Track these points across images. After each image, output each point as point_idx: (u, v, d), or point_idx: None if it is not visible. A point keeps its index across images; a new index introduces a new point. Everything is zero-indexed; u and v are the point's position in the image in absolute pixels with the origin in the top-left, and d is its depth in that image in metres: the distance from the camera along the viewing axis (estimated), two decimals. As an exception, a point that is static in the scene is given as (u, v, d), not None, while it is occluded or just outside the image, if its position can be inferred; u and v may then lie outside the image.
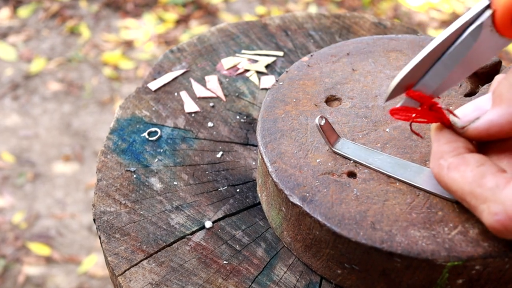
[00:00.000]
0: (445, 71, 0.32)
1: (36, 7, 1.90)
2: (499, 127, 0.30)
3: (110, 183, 0.45)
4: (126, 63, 1.68)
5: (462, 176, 0.30)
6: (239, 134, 0.50)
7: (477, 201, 0.29)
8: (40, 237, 1.24)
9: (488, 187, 0.29)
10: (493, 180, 0.29)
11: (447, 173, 0.31)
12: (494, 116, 0.30)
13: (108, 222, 0.42)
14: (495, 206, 0.28)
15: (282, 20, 0.61)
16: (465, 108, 0.32)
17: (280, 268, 0.40)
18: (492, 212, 0.29)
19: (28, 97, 1.58)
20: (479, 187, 0.29)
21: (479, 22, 0.30)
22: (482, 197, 0.29)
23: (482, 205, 0.29)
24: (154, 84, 0.54)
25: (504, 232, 0.29)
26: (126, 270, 0.39)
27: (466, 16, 0.30)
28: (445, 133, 0.33)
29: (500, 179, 0.29)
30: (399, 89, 0.32)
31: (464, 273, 0.33)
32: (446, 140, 0.32)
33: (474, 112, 0.31)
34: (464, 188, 0.30)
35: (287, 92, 0.44)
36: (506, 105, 0.30)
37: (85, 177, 1.37)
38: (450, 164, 0.31)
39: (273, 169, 0.38)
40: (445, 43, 0.31)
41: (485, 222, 0.30)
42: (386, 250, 0.33)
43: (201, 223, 0.42)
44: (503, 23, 0.29)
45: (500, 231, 0.29)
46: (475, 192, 0.29)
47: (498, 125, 0.30)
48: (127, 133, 0.50)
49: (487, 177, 0.29)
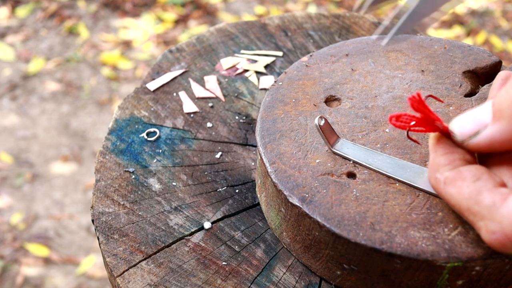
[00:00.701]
0: None
1: (34, 7, 1.90)
2: (500, 143, 0.30)
3: (109, 184, 0.45)
4: (124, 63, 1.68)
5: (458, 192, 0.30)
6: (238, 134, 0.49)
7: (475, 218, 0.29)
8: (39, 238, 1.23)
9: (484, 205, 0.29)
10: (489, 198, 0.28)
11: (443, 188, 0.31)
12: (495, 133, 0.30)
13: (107, 223, 0.42)
14: (492, 225, 0.28)
15: (281, 20, 0.61)
16: (464, 120, 0.31)
17: (279, 269, 0.39)
18: (489, 230, 0.29)
19: (26, 97, 1.58)
20: (476, 205, 0.29)
21: None
22: (479, 214, 0.29)
23: (479, 222, 0.29)
24: (153, 84, 0.54)
25: (502, 249, 0.29)
26: (125, 271, 0.39)
27: None
28: (443, 143, 0.32)
29: (496, 196, 0.28)
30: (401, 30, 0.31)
31: (464, 274, 0.33)
32: (442, 152, 0.32)
33: (473, 126, 0.31)
34: (461, 205, 0.30)
35: (286, 92, 0.44)
36: (506, 121, 0.29)
37: (84, 177, 1.36)
38: (446, 179, 0.31)
39: (272, 170, 0.38)
40: None
41: (484, 239, 0.29)
42: (385, 251, 0.33)
43: (200, 224, 0.42)
44: None
45: (498, 249, 0.29)
46: (472, 209, 0.29)
47: (499, 141, 0.30)
48: (125, 133, 0.49)
49: (484, 194, 0.29)
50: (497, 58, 0.45)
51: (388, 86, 0.44)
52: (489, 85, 0.43)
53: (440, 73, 0.44)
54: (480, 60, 0.45)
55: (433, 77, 0.44)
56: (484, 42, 1.74)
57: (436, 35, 1.75)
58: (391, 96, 0.43)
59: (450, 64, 0.45)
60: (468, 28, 1.80)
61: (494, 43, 1.73)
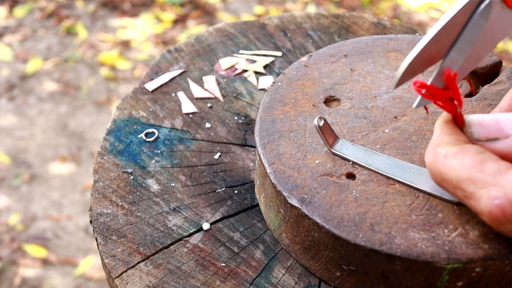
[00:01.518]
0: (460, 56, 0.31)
1: (32, 6, 1.89)
2: None
3: (107, 185, 0.45)
4: (123, 63, 1.68)
5: (460, 162, 0.29)
6: (237, 135, 0.49)
7: (476, 187, 0.28)
8: (36, 239, 1.23)
9: (489, 171, 0.28)
10: (494, 166, 0.28)
11: (443, 160, 0.30)
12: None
13: (105, 224, 0.42)
14: (495, 190, 0.27)
15: (280, 20, 0.61)
16: (485, 120, 0.31)
17: (278, 270, 0.39)
18: (492, 196, 0.28)
19: (24, 98, 1.57)
20: (479, 172, 0.28)
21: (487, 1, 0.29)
22: (482, 182, 0.28)
23: (481, 190, 0.28)
24: (151, 85, 0.54)
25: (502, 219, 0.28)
26: (123, 273, 0.39)
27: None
28: (450, 125, 0.32)
29: (501, 165, 0.28)
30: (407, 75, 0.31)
31: (464, 276, 0.33)
32: (448, 132, 0.31)
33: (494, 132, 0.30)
34: (461, 175, 0.29)
35: (285, 93, 0.44)
36: None
37: (82, 178, 1.36)
38: (447, 152, 0.30)
39: (271, 171, 0.38)
40: (455, 24, 0.30)
41: (483, 208, 0.28)
42: (385, 252, 0.33)
43: (198, 225, 0.42)
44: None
45: (498, 217, 0.28)
46: (474, 177, 0.28)
47: None
48: (124, 134, 0.49)
49: (488, 162, 0.28)
50: (497, 58, 0.44)
51: (388, 86, 0.43)
52: (489, 86, 0.43)
53: (439, 73, 0.44)
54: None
55: (433, 78, 0.44)
56: (483, 42, 1.74)
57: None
58: (390, 97, 0.43)
59: (450, 64, 0.45)
60: (467, 28, 1.80)
61: (493, 43, 1.73)
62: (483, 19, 0.30)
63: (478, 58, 0.32)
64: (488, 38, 0.31)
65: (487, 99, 0.42)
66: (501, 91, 0.42)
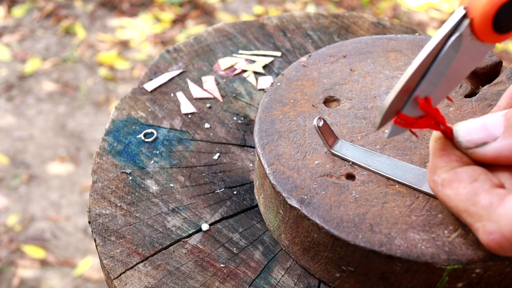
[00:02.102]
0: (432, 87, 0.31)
1: (30, 6, 1.89)
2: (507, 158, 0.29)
3: (106, 185, 0.45)
4: (122, 63, 1.67)
5: (455, 193, 0.30)
6: (236, 135, 0.49)
7: (472, 219, 0.29)
8: (35, 239, 1.22)
9: (482, 205, 0.28)
10: (486, 198, 0.28)
11: (441, 190, 0.31)
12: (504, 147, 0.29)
13: (104, 224, 0.42)
14: (489, 225, 0.28)
15: (280, 20, 0.61)
16: (471, 128, 0.31)
17: (277, 271, 0.39)
18: (487, 231, 0.28)
19: (22, 98, 1.57)
20: (473, 206, 0.29)
21: (457, 33, 0.29)
22: (477, 215, 0.29)
23: (477, 223, 0.29)
24: (150, 85, 0.54)
25: (500, 250, 0.29)
26: (122, 274, 0.39)
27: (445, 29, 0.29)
28: (441, 144, 0.32)
29: (493, 197, 0.28)
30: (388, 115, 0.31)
31: (464, 277, 0.33)
32: (439, 153, 0.31)
33: (481, 136, 0.30)
34: (459, 206, 0.30)
35: (285, 93, 0.44)
36: None
37: (80, 179, 1.36)
38: (443, 181, 0.30)
39: (270, 171, 0.38)
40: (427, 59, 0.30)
41: (481, 240, 0.29)
42: (385, 253, 0.33)
43: (197, 225, 0.42)
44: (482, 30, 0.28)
45: (496, 250, 0.29)
46: (469, 210, 0.29)
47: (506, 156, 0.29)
48: (122, 134, 0.49)
49: (481, 194, 0.29)
50: (497, 58, 0.44)
51: (387, 87, 0.43)
52: (489, 86, 0.43)
53: (439, 73, 0.44)
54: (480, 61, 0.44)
55: (432, 78, 0.44)
56: (483, 43, 1.74)
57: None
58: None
59: (450, 64, 0.45)
60: (467, 28, 1.80)
61: (493, 43, 1.73)
62: (454, 51, 0.29)
63: (449, 89, 0.32)
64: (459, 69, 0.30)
65: (487, 99, 0.41)
66: (501, 91, 0.42)
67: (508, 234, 0.27)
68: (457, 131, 0.31)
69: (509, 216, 0.27)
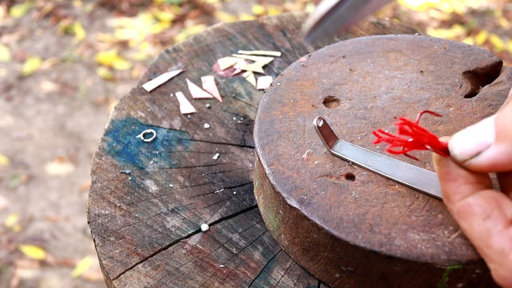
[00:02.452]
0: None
1: (29, 6, 1.89)
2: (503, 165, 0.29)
3: (105, 186, 0.45)
4: (121, 63, 1.67)
5: (470, 229, 0.30)
6: (235, 135, 0.49)
7: (486, 258, 0.29)
8: (34, 240, 1.22)
9: (494, 250, 0.28)
10: (499, 243, 0.28)
11: (458, 219, 0.31)
12: (498, 155, 0.28)
13: (103, 225, 0.42)
14: (502, 271, 0.28)
15: (279, 20, 0.61)
16: (463, 139, 0.30)
17: (277, 271, 0.39)
18: (500, 276, 0.29)
19: (21, 98, 1.57)
20: (486, 248, 0.29)
21: None
22: (490, 258, 0.29)
23: (490, 264, 0.29)
24: (149, 85, 0.54)
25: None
26: (121, 274, 0.39)
27: None
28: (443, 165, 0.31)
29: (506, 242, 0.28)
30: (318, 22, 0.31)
31: (464, 277, 0.33)
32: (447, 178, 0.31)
33: (474, 146, 0.29)
34: (474, 242, 0.30)
35: (284, 93, 0.44)
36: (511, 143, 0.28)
37: (80, 179, 1.35)
38: (458, 212, 0.30)
39: (270, 171, 0.38)
40: None
41: (495, 278, 0.29)
42: (385, 253, 0.33)
43: (197, 226, 0.42)
44: None
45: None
46: (483, 251, 0.29)
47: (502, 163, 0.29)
48: (122, 134, 0.49)
49: (494, 237, 0.28)
50: (497, 58, 0.44)
51: (387, 87, 0.43)
52: (489, 86, 0.43)
53: (440, 73, 0.44)
54: (481, 61, 0.44)
55: (433, 78, 0.44)
56: (484, 42, 1.74)
57: (436, 35, 1.75)
58: (390, 97, 0.42)
59: (450, 64, 0.45)
60: (468, 28, 1.80)
61: (494, 43, 1.73)
62: None
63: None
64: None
65: (487, 100, 0.41)
66: (501, 91, 0.42)
67: None
68: (451, 145, 0.30)
69: None
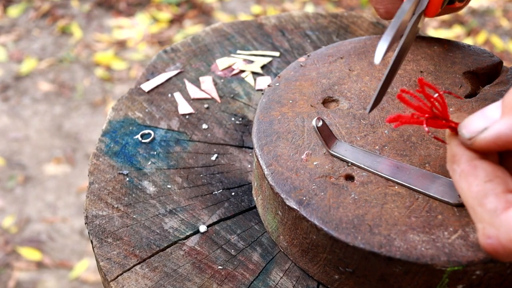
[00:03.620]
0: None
1: (26, 6, 1.88)
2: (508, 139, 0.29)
3: (102, 186, 0.44)
4: (118, 63, 1.67)
5: (468, 189, 0.30)
6: (234, 136, 0.49)
7: (476, 218, 0.30)
8: (31, 241, 1.22)
9: (487, 208, 0.29)
10: (493, 202, 0.29)
11: (457, 180, 0.31)
12: (503, 127, 0.29)
13: (100, 226, 0.41)
14: (489, 230, 0.28)
15: (278, 20, 0.60)
16: (472, 117, 0.31)
17: (276, 273, 0.39)
18: (486, 234, 0.29)
19: (18, 99, 1.56)
20: (480, 206, 0.29)
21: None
22: (481, 216, 0.29)
23: (479, 223, 0.29)
24: (147, 85, 0.53)
25: (494, 255, 0.29)
26: (119, 275, 0.38)
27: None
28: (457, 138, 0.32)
29: (500, 203, 0.28)
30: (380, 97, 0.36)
31: (464, 278, 0.33)
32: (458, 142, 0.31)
33: (481, 122, 0.30)
34: (468, 202, 0.30)
35: (283, 93, 0.43)
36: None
37: (77, 180, 1.35)
38: (461, 172, 0.30)
39: (269, 172, 0.37)
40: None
41: (479, 241, 0.30)
42: (384, 254, 0.32)
43: (195, 227, 0.42)
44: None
45: (491, 253, 0.29)
46: (475, 209, 0.29)
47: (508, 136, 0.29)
48: (119, 135, 0.49)
49: (489, 197, 0.29)
50: (498, 58, 0.44)
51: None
52: (490, 86, 0.43)
53: (440, 73, 0.44)
54: (481, 61, 0.44)
55: (433, 78, 0.44)
56: (484, 42, 1.74)
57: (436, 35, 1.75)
58: (389, 97, 0.42)
59: (450, 64, 0.45)
60: (468, 28, 1.80)
61: (495, 43, 1.74)
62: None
63: None
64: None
65: (487, 100, 0.41)
66: (501, 91, 0.42)
67: (505, 242, 0.28)
68: (460, 125, 0.31)
69: (509, 225, 0.28)
